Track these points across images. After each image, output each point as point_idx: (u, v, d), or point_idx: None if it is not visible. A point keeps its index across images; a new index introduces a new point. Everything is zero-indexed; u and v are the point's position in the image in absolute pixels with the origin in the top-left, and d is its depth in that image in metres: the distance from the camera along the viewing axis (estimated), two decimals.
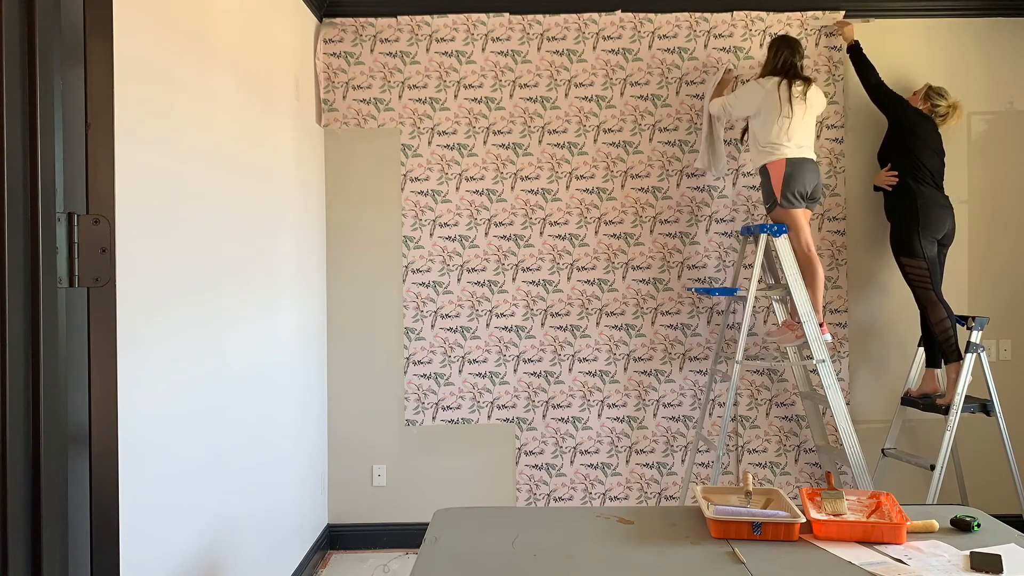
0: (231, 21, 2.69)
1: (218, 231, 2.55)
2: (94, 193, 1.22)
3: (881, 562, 1.91)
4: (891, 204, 3.73)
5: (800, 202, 3.53)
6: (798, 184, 3.49)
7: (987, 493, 3.90)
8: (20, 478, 1.07)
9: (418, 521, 3.87)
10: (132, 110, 1.96)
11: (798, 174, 3.47)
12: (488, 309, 3.96)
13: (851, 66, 3.85)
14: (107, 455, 1.26)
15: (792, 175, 3.48)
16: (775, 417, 4.00)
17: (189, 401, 2.32)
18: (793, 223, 3.55)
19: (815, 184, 3.53)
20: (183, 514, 2.27)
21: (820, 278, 3.55)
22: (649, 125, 3.97)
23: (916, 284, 3.60)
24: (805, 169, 3.49)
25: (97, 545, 1.22)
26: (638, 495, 3.98)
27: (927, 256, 3.56)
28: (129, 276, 1.93)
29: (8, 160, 1.06)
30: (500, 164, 3.96)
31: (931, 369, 3.71)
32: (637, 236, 3.97)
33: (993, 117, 4.02)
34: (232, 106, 2.70)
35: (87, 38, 1.22)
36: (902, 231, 3.62)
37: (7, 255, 1.05)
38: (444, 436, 3.97)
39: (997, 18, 4.00)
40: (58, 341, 1.13)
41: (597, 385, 3.98)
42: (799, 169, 3.48)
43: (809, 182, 3.51)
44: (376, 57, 3.95)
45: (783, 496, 2.24)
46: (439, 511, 2.32)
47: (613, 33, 3.97)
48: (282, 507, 3.22)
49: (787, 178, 3.49)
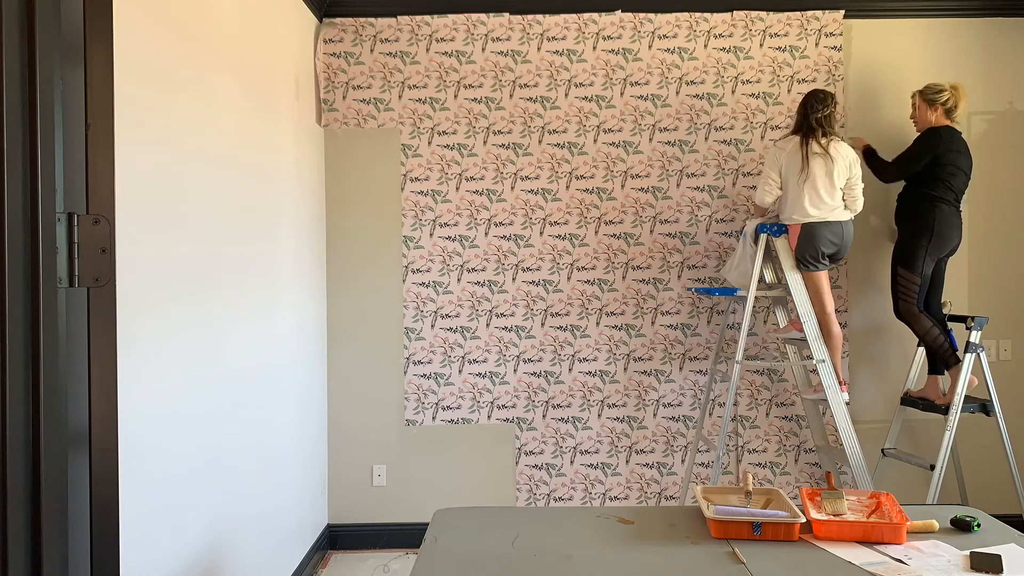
0: (231, 21, 2.69)
1: (218, 231, 2.55)
2: (94, 193, 1.22)
3: (881, 562, 1.91)
4: (905, 215, 3.63)
5: (818, 264, 3.45)
6: (810, 248, 3.41)
7: (987, 493, 3.90)
8: (20, 478, 1.07)
9: (418, 521, 3.87)
10: (132, 110, 1.96)
11: (812, 239, 3.40)
12: (488, 309, 3.96)
13: (851, 66, 3.85)
14: (107, 455, 1.26)
15: (806, 239, 3.41)
16: (775, 417, 4.00)
17: (189, 401, 2.32)
18: (813, 286, 3.49)
19: (837, 247, 3.44)
20: (183, 514, 2.27)
21: (838, 340, 3.51)
22: (649, 125, 3.97)
23: (901, 296, 3.58)
24: (824, 232, 3.39)
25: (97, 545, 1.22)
26: (638, 495, 3.98)
27: (923, 274, 3.53)
28: (129, 276, 1.93)
29: (8, 160, 1.06)
30: (500, 164, 3.96)
31: (934, 376, 3.68)
32: (637, 236, 3.97)
33: (993, 117, 4.02)
34: (232, 106, 2.70)
35: (87, 38, 1.22)
36: (910, 245, 3.56)
37: (7, 255, 1.05)
38: (444, 436, 3.97)
39: (997, 18, 4.00)
40: (58, 341, 1.13)
41: (597, 385, 3.98)
42: (815, 233, 3.39)
43: (827, 246, 3.42)
44: (376, 57, 3.95)
45: (783, 496, 2.24)
46: (439, 511, 2.32)
47: (613, 33, 3.97)
48: (282, 507, 3.22)
49: (801, 241, 3.43)
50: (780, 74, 3.97)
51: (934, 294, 3.65)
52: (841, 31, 3.96)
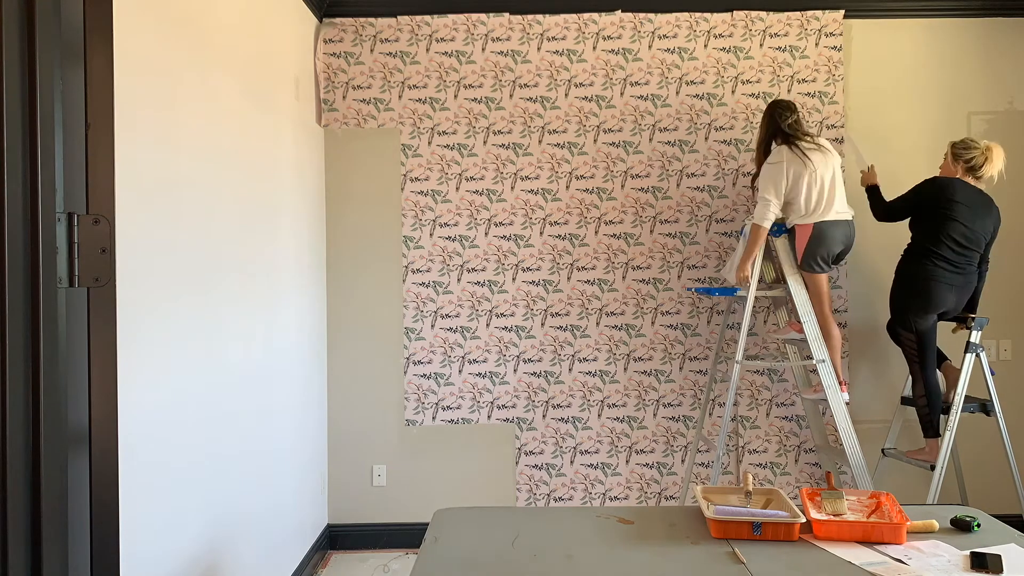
0: (231, 21, 2.69)
1: (218, 231, 2.55)
2: (94, 193, 1.22)
3: (881, 562, 1.91)
4: (898, 266, 3.52)
5: (822, 268, 3.44)
6: (821, 249, 3.39)
7: (987, 493, 3.90)
8: (20, 478, 1.07)
9: (418, 521, 3.87)
10: (132, 110, 1.96)
11: (824, 239, 3.37)
12: (488, 309, 3.96)
13: (851, 66, 3.85)
14: (107, 455, 1.26)
15: (818, 240, 3.38)
16: (775, 417, 4.00)
17: (189, 400, 2.32)
18: (814, 288, 3.49)
19: (842, 248, 3.43)
20: (183, 514, 2.27)
21: (837, 341, 3.51)
22: (649, 125, 3.97)
23: (907, 355, 3.51)
24: (834, 232, 3.38)
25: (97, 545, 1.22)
26: (638, 495, 3.98)
27: (918, 330, 3.40)
28: (129, 276, 1.93)
29: (8, 160, 1.06)
30: (500, 164, 3.96)
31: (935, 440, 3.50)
32: (637, 236, 3.97)
33: (993, 117, 4.02)
34: (232, 106, 2.70)
35: (87, 38, 1.22)
36: (897, 300, 3.48)
37: (7, 255, 1.05)
38: (444, 436, 3.97)
39: (997, 18, 4.00)
40: (58, 341, 1.13)
41: (597, 385, 3.98)
42: (827, 233, 3.37)
43: (837, 245, 3.40)
44: (376, 57, 3.95)
45: (783, 496, 2.24)
46: (439, 511, 2.32)
47: (613, 33, 3.97)
48: (282, 507, 3.22)
49: (812, 242, 3.39)
50: (780, 74, 3.97)
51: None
52: (841, 31, 3.96)
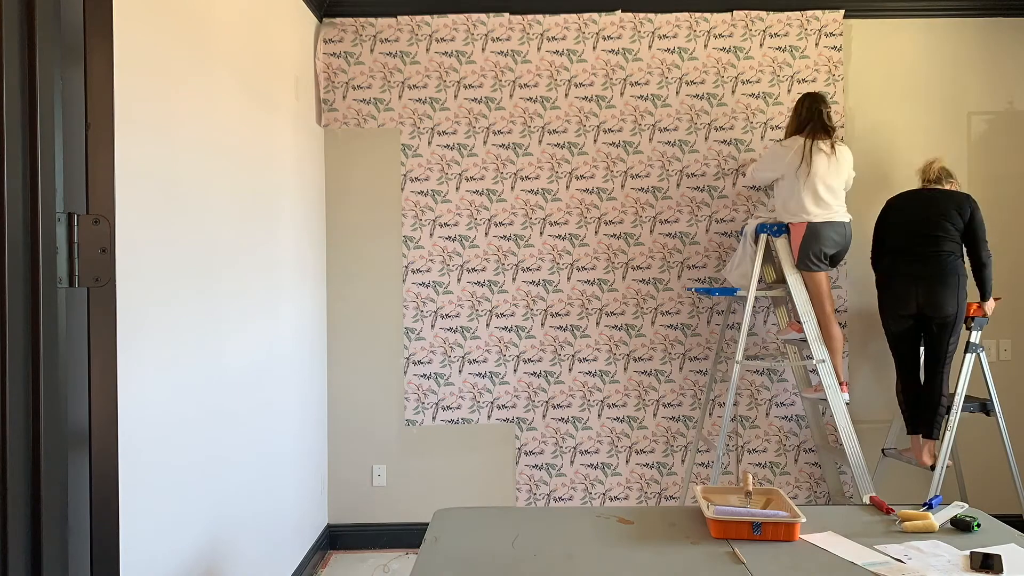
0: (231, 22, 2.69)
1: (218, 231, 2.55)
2: (94, 193, 1.22)
3: (882, 562, 1.91)
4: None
5: (820, 265, 3.43)
6: (814, 248, 3.39)
7: (987, 493, 3.90)
8: (20, 478, 1.07)
9: (418, 521, 3.86)
10: (132, 110, 1.96)
11: (817, 238, 3.38)
12: (488, 309, 3.96)
13: (851, 66, 3.85)
14: (107, 455, 1.26)
15: (810, 239, 3.39)
16: (775, 417, 4.00)
17: (189, 401, 2.32)
18: (815, 288, 3.49)
19: (839, 248, 3.44)
20: (183, 514, 2.27)
21: (838, 342, 3.51)
22: (649, 125, 3.97)
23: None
24: (828, 232, 3.38)
25: (97, 545, 1.22)
26: (638, 495, 3.98)
27: (892, 332, 3.49)
28: (129, 276, 1.93)
29: (8, 160, 1.06)
30: (500, 164, 3.96)
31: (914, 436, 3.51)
32: (637, 236, 3.97)
33: (993, 117, 4.02)
34: (232, 106, 2.70)
35: (87, 38, 1.22)
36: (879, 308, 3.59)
37: (7, 255, 1.05)
38: (444, 436, 3.97)
39: (997, 18, 4.00)
40: (58, 341, 1.13)
41: (597, 385, 3.98)
42: (820, 233, 3.38)
43: (830, 245, 3.40)
44: (376, 57, 3.95)
45: (783, 496, 2.24)
46: (439, 511, 2.32)
47: (613, 33, 3.97)
48: (282, 507, 3.22)
49: (805, 241, 3.40)
50: (780, 74, 3.97)
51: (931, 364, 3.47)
52: (841, 31, 3.96)
